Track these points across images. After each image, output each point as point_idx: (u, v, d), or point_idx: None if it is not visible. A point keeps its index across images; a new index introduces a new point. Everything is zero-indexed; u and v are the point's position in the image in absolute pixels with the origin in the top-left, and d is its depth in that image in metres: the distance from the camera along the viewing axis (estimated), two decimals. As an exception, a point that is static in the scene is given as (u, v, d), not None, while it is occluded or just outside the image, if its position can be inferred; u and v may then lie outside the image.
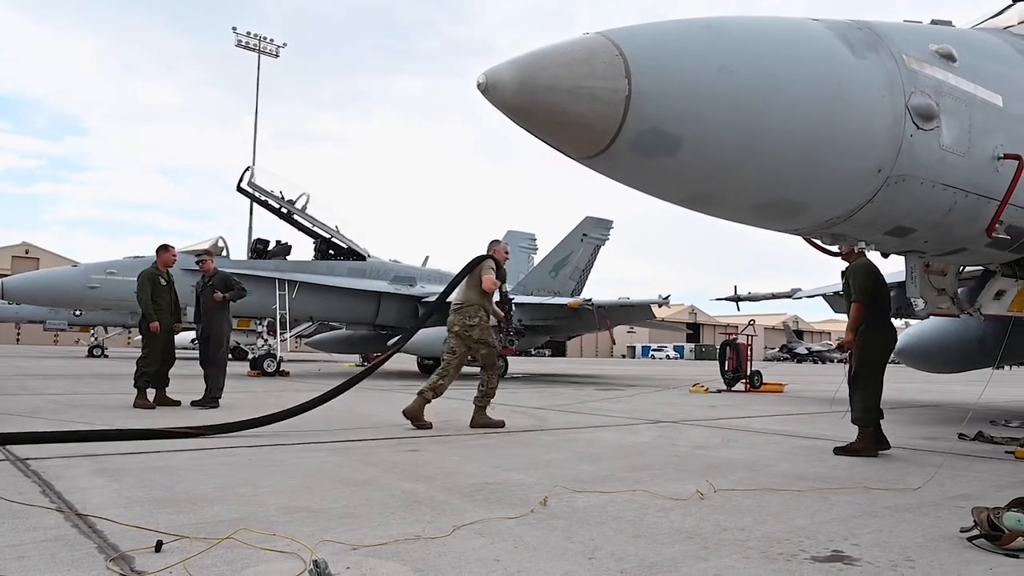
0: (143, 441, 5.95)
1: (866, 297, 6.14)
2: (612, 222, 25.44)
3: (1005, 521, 3.26)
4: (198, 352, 10.02)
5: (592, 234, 24.89)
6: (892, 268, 6.77)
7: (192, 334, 30.48)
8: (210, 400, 9.29)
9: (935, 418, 9.80)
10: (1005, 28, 5.55)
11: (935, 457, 5.99)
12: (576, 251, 24.51)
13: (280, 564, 2.81)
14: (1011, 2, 6.20)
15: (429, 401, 7.55)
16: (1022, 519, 3.24)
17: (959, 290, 6.33)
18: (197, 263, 10.20)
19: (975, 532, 3.34)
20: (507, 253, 8.39)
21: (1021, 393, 15.32)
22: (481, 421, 7.69)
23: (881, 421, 6.23)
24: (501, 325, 8.40)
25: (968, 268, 6.67)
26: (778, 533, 3.47)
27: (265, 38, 39.28)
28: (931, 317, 8.07)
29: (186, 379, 11.93)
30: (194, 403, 9.34)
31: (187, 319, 11.13)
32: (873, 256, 5.78)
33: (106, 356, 32.63)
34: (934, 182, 4.03)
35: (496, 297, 8.13)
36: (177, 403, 9.25)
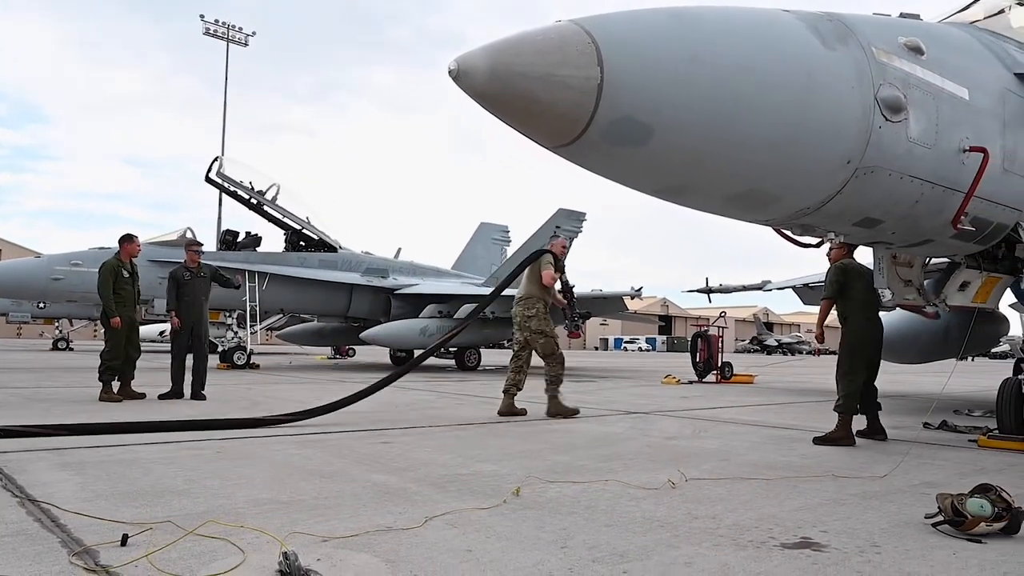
0: (223, 430, 6.26)
1: (831, 293, 6.52)
2: (585, 214, 25.49)
3: (968, 507, 3.32)
4: (171, 344, 9.87)
5: (565, 226, 24.87)
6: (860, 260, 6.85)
7: (160, 327, 30.05)
8: (201, 391, 9.25)
9: (902, 408, 9.97)
10: (971, 23, 5.64)
11: (901, 446, 6.10)
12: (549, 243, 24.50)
13: (249, 556, 2.77)
14: (977, -3, 6.30)
15: (515, 396, 8.10)
16: (984, 505, 3.31)
17: (925, 281, 6.43)
18: (192, 251, 10.01)
19: (939, 518, 3.40)
20: (564, 247, 8.84)
21: (984, 383, 15.65)
22: (556, 409, 8.02)
23: (879, 412, 6.64)
24: (565, 312, 8.68)
25: (934, 260, 6.79)
26: (748, 521, 3.51)
27: (234, 26, 38.61)
28: (897, 309, 8.21)
29: (150, 372, 11.76)
30: (161, 396, 9.20)
31: (155, 311, 10.96)
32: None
33: (71, 349, 32.04)
34: (902, 174, 4.07)
35: (558, 287, 8.51)
36: (142, 396, 9.10)
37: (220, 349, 18.04)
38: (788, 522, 3.49)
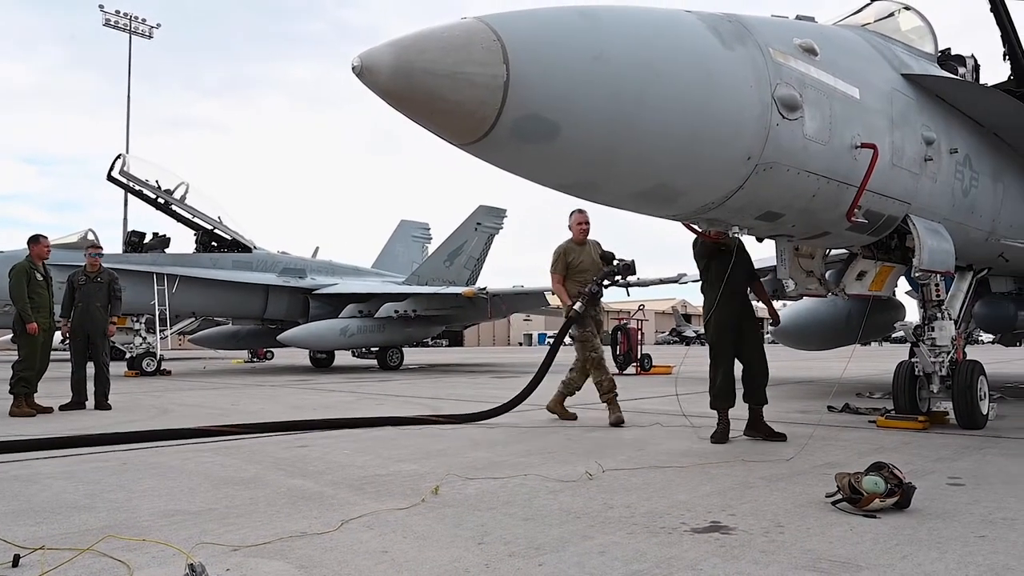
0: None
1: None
2: (505, 211, 25.58)
3: (864, 484, 3.50)
4: (71, 351, 9.35)
5: (486, 223, 24.95)
6: (765, 253, 7.07)
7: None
8: (105, 401, 8.84)
9: (808, 393, 10.44)
10: (863, 26, 5.93)
11: (807, 429, 6.37)
12: (470, 240, 24.51)
13: (151, 571, 2.66)
14: (868, 1, 6.63)
15: (615, 400, 7.22)
16: (879, 482, 3.49)
17: (827, 272, 6.74)
18: (91, 255, 9.49)
19: (838, 496, 3.57)
20: (580, 225, 7.47)
21: (885, 367, 16.53)
22: (614, 417, 7.09)
23: (762, 406, 6.08)
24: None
25: (835, 251, 7.12)
26: (661, 508, 3.60)
27: (136, 17, 37.07)
28: (803, 298, 8.57)
29: (50, 382, 11.14)
30: (63, 407, 8.74)
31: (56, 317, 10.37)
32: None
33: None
34: (799, 169, 4.26)
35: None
36: (49, 410, 8.58)
37: (127, 356, 17.28)
38: (699, 507, 3.61)
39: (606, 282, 7.31)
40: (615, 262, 7.36)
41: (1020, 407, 8.36)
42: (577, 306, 7.16)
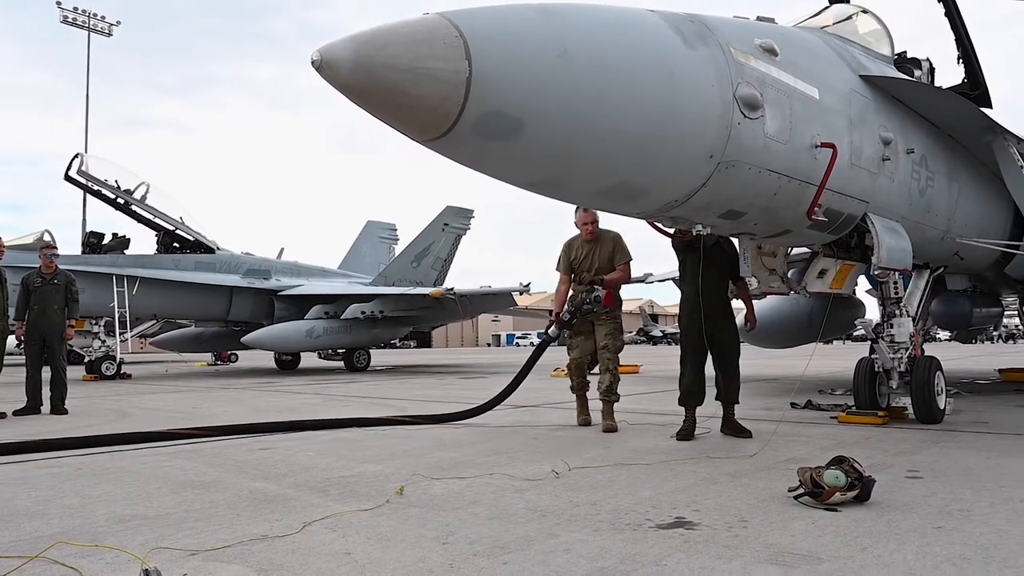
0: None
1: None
2: (473, 211, 25.54)
3: (825, 478, 3.55)
4: (25, 355, 9.10)
5: (453, 223, 24.88)
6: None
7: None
8: (62, 405, 8.62)
9: (772, 390, 10.58)
10: (822, 27, 6.03)
11: (770, 425, 6.44)
12: (437, 241, 24.42)
13: (106, 577, 2.59)
14: (828, 4, 6.75)
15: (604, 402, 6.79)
16: (839, 476, 3.54)
17: (790, 271, 6.83)
18: (45, 256, 9.24)
19: (801, 491, 3.61)
20: (583, 224, 6.62)
21: (845, 364, 16.83)
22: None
23: (698, 406, 6.09)
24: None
25: (796, 250, 7.22)
26: (626, 505, 3.61)
27: (95, 15, 36.29)
28: (767, 296, 8.67)
29: (3, 387, 10.85)
30: (16, 412, 8.50)
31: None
32: None
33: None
34: (760, 168, 4.31)
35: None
36: (2, 415, 8.34)
37: (86, 359, 16.88)
38: (664, 504, 3.62)
39: (579, 314, 6.59)
40: (593, 295, 6.52)
41: (975, 402, 8.57)
42: (552, 330, 6.84)
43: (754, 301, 6.93)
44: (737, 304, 6.49)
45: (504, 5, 3.23)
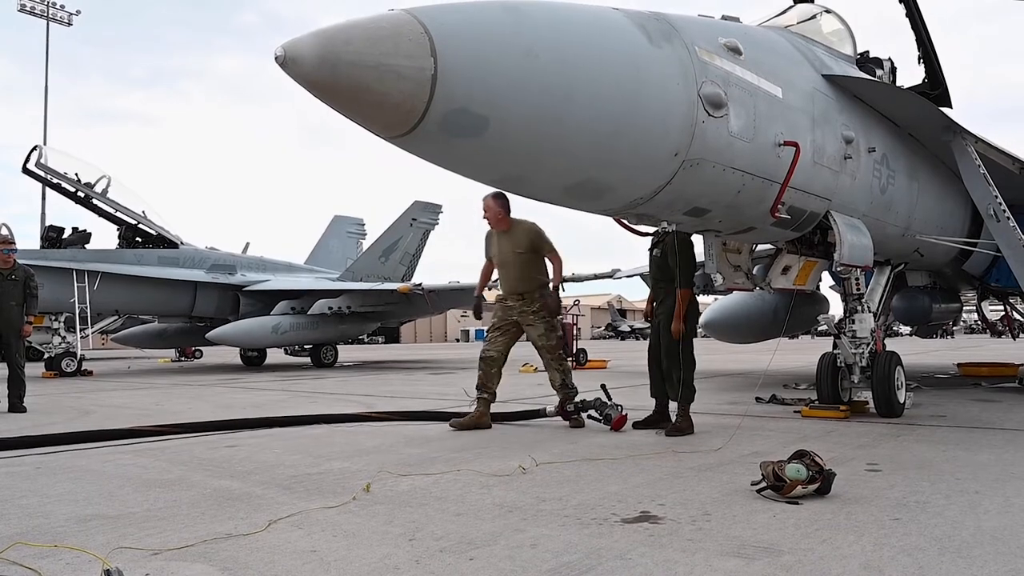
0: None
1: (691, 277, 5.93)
2: (441, 206, 25.45)
3: (787, 472, 3.61)
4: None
5: (421, 218, 24.78)
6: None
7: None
8: (20, 403, 8.42)
9: (738, 385, 10.72)
10: (786, 27, 6.11)
11: (735, 420, 6.53)
12: (405, 236, 24.30)
13: (65, 579, 2.55)
14: (792, 3, 6.84)
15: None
16: (800, 469, 3.61)
17: (754, 267, 6.93)
18: (1, 251, 9.00)
19: (763, 484, 3.68)
20: (486, 211, 6.65)
21: (809, 359, 17.12)
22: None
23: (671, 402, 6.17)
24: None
25: (761, 247, 7.33)
26: (593, 500, 3.64)
27: (54, 3, 35.39)
28: (732, 292, 8.78)
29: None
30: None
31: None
32: None
33: None
34: (724, 166, 4.36)
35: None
36: None
37: (45, 356, 16.52)
38: (630, 498, 3.66)
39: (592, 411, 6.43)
40: (598, 397, 6.43)
41: (935, 396, 8.77)
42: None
43: (720, 297, 7.04)
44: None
45: (470, 3, 3.22)
